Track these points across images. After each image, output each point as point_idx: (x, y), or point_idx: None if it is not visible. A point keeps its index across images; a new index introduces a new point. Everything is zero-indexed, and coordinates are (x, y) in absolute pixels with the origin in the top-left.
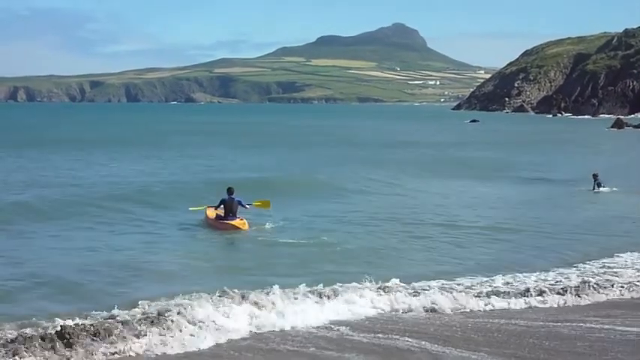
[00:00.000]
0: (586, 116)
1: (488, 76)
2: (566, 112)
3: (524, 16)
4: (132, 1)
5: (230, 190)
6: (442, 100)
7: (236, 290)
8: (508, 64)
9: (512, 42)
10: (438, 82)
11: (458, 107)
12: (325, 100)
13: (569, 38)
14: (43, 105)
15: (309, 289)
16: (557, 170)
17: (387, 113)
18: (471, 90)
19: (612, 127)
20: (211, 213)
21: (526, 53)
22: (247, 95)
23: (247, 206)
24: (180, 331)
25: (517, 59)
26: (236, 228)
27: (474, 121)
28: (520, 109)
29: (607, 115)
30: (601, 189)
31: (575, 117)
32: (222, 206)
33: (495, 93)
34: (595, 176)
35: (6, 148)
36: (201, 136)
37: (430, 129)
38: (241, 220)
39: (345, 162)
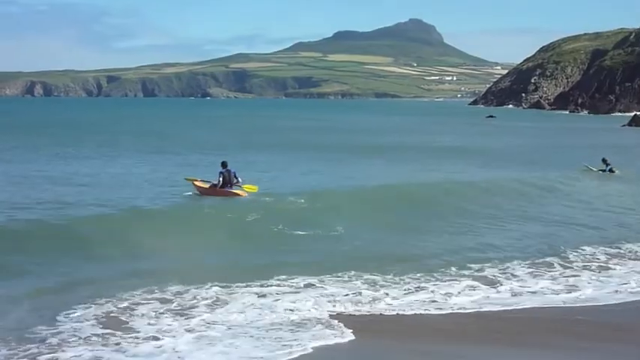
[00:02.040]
0: (617, 114)
1: (504, 72)
2: (582, 108)
3: (541, 12)
4: None
5: (224, 164)
6: (459, 95)
7: None
8: (525, 60)
9: (529, 38)
10: (454, 78)
11: (474, 103)
12: (342, 96)
13: (586, 34)
14: (63, 100)
15: None
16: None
17: (409, 109)
18: (488, 86)
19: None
20: (202, 184)
21: (543, 49)
22: (263, 90)
23: (240, 179)
24: None
25: (534, 55)
26: (237, 195)
27: (490, 116)
28: (537, 105)
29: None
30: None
31: (593, 115)
32: (220, 178)
33: (512, 89)
34: (605, 160)
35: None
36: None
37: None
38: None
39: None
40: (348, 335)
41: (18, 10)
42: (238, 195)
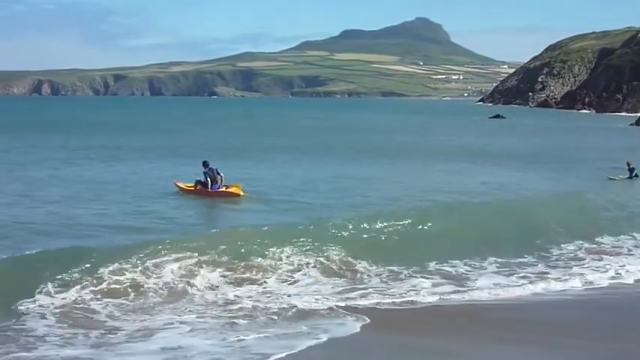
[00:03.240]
0: (624, 113)
1: (511, 70)
2: (589, 107)
3: (549, 10)
4: None
5: (206, 163)
6: (465, 94)
7: None
8: (532, 59)
9: (536, 36)
10: (461, 77)
11: (481, 102)
12: (348, 95)
13: (593, 33)
14: (73, 98)
15: None
16: None
17: (422, 109)
18: (495, 85)
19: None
20: (187, 185)
21: (550, 48)
22: (270, 89)
23: (222, 175)
24: None
25: (541, 54)
26: (233, 195)
27: (497, 116)
28: (544, 104)
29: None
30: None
31: (601, 114)
32: (207, 178)
33: (519, 88)
34: (628, 164)
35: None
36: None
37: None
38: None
39: None
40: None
41: (25, 9)
42: (236, 195)
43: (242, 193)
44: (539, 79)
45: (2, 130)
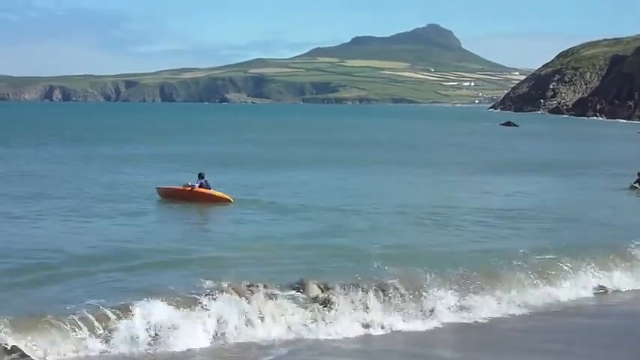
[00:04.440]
0: (635, 120)
1: (523, 77)
2: (601, 114)
3: (560, 17)
4: (166, 1)
5: (201, 175)
6: (476, 101)
7: None
8: (543, 66)
9: (547, 43)
10: (472, 84)
11: (492, 109)
12: (359, 101)
13: (605, 40)
14: (86, 105)
15: None
16: None
17: (439, 115)
18: (506, 91)
19: None
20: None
21: (561, 55)
22: (281, 96)
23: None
24: None
25: (552, 61)
26: (222, 200)
27: (508, 124)
28: (555, 110)
29: None
30: None
31: (613, 121)
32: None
33: (530, 94)
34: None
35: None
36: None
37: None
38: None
39: None
40: None
41: (37, 16)
42: (227, 200)
43: (232, 200)
44: (551, 86)
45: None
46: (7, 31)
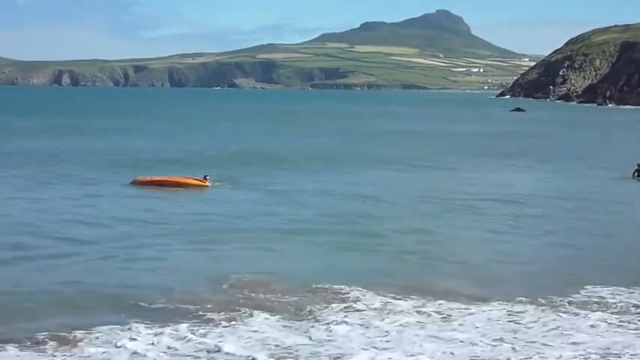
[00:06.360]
0: None
1: (532, 64)
2: (611, 101)
3: (570, 3)
4: None
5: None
6: (485, 87)
7: None
8: (553, 52)
9: (557, 30)
10: (481, 70)
11: (501, 95)
12: (368, 87)
13: (615, 26)
14: (97, 90)
15: None
16: None
17: (458, 102)
18: (515, 78)
19: None
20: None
21: (571, 41)
22: (290, 81)
23: None
24: None
25: (562, 47)
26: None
27: (517, 109)
28: (565, 97)
29: None
30: None
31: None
32: None
33: (540, 81)
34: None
35: None
36: None
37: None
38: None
39: None
40: None
41: (46, 0)
42: (203, 185)
43: (208, 184)
44: (561, 73)
45: None
46: (16, 15)
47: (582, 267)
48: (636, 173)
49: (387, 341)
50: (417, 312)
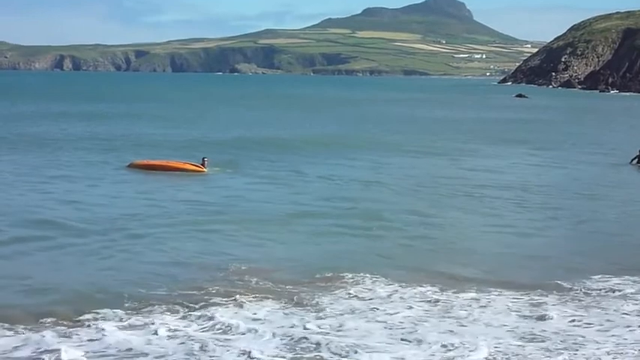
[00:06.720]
0: None
1: (534, 50)
2: (613, 88)
3: None
4: None
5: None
6: (487, 74)
7: None
8: (555, 39)
9: (559, 16)
10: (483, 56)
11: (503, 81)
12: (370, 73)
13: (617, 13)
14: (99, 74)
15: None
16: None
17: (467, 88)
18: (517, 64)
19: None
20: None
21: (574, 28)
22: (291, 67)
23: None
24: None
25: (564, 34)
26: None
27: (520, 96)
28: (567, 84)
29: None
30: None
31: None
32: None
33: (542, 67)
34: None
35: None
36: None
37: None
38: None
39: None
40: None
41: None
42: (200, 171)
43: (205, 170)
44: (563, 59)
45: None
46: (19, 0)
47: (590, 255)
48: (636, 160)
49: (397, 329)
50: (427, 301)
